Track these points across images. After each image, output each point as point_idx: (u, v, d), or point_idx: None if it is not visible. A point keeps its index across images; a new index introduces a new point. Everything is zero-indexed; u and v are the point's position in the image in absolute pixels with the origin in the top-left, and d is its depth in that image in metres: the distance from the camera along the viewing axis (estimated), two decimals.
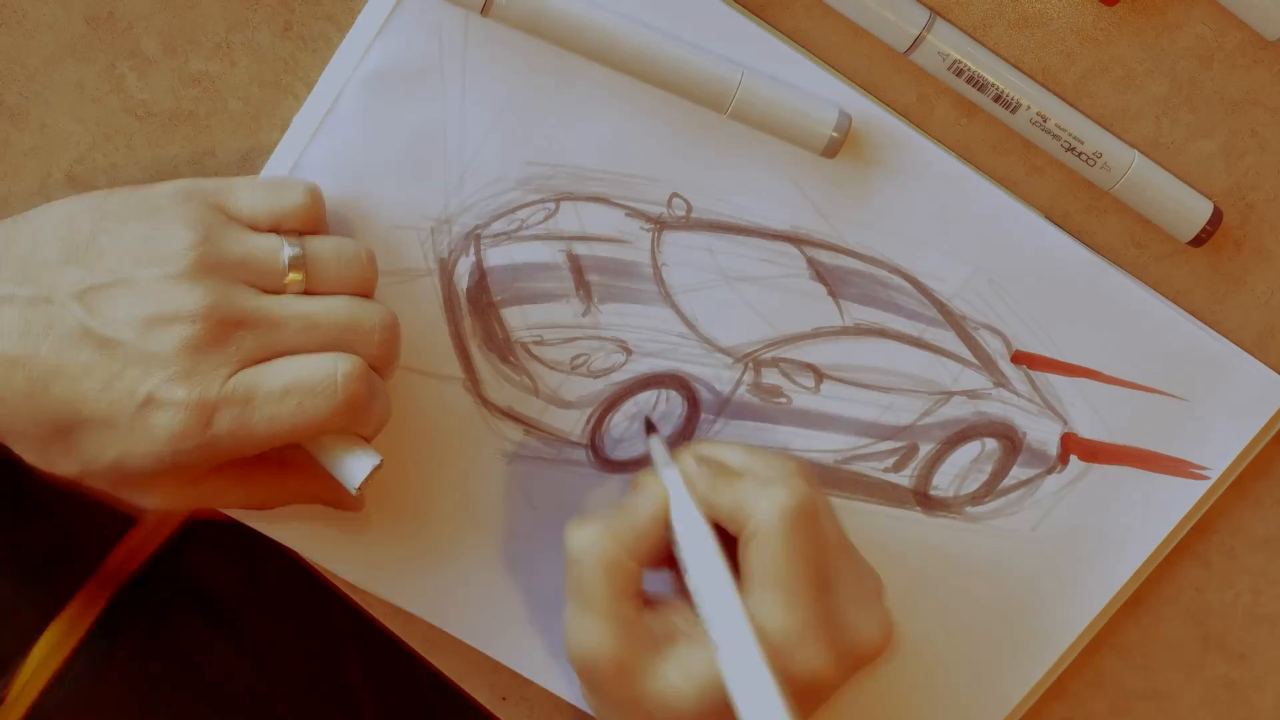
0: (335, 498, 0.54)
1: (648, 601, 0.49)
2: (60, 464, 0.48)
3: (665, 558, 0.50)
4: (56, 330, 0.46)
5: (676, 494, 0.49)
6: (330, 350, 0.47)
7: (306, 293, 0.48)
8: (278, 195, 0.49)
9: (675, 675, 0.47)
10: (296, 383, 0.46)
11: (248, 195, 0.49)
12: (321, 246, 0.49)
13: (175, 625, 0.61)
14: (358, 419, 0.48)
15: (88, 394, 0.46)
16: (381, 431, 0.50)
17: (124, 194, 0.48)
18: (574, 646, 0.49)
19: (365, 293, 0.49)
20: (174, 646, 0.60)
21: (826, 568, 0.48)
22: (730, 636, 0.46)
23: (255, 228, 0.49)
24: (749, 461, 0.51)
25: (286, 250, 0.48)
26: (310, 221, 0.50)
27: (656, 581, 0.51)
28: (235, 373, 0.46)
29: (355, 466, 0.48)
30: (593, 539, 0.49)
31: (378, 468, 0.49)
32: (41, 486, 0.59)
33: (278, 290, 0.48)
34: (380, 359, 0.49)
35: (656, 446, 0.53)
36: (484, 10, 0.50)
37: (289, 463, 0.53)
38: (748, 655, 0.46)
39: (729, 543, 0.49)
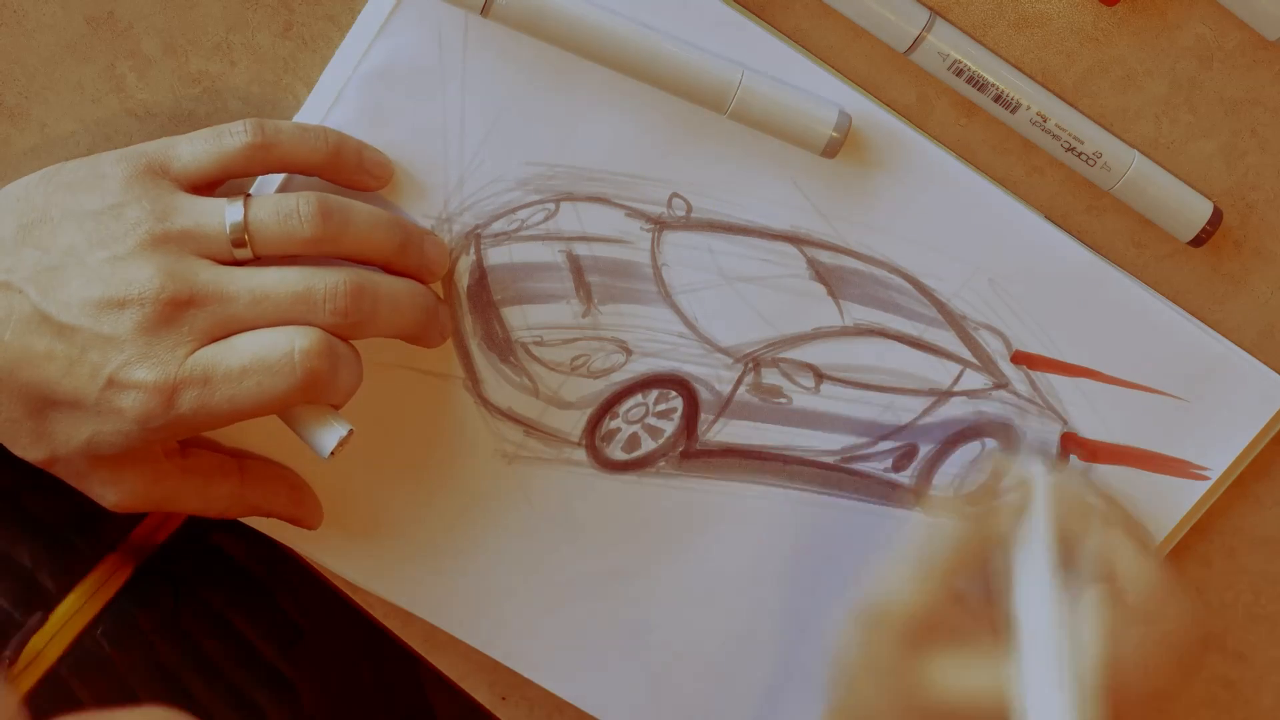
0: (292, 514, 0.54)
1: (956, 595, 0.50)
2: (30, 449, 0.48)
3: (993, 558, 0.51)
4: (16, 316, 0.46)
5: (1042, 507, 0.50)
6: (286, 321, 0.47)
7: (259, 258, 0.48)
8: (218, 142, 0.49)
9: (950, 671, 0.48)
10: (254, 362, 0.46)
11: (188, 149, 0.49)
12: (262, 209, 0.48)
13: (206, 588, 0.61)
14: (321, 392, 0.47)
15: (52, 378, 0.46)
16: (353, 395, 0.49)
17: (74, 165, 0.48)
18: (885, 595, 0.50)
19: (328, 247, 0.48)
20: (207, 607, 0.60)
21: (1172, 683, 0.49)
22: (1043, 670, 0.47)
23: (205, 181, 0.49)
24: (1135, 523, 0.51)
25: (229, 218, 0.47)
26: (260, 162, 0.49)
27: None
28: (194, 350, 0.46)
29: (324, 436, 0.49)
30: (968, 519, 0.50)
31: (347, 437, 0.49)
32: None
33: (229, 258, 0.47)
34: (342, 327, 0.48)
35: (1032, 448, 0.54)
36: (484, 11, 0.50)
37: (250, 475, 0.53)
38: (1057, 696, 0.46)
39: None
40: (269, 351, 0.46)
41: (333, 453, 0.49)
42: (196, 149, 0.48)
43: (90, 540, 0.58)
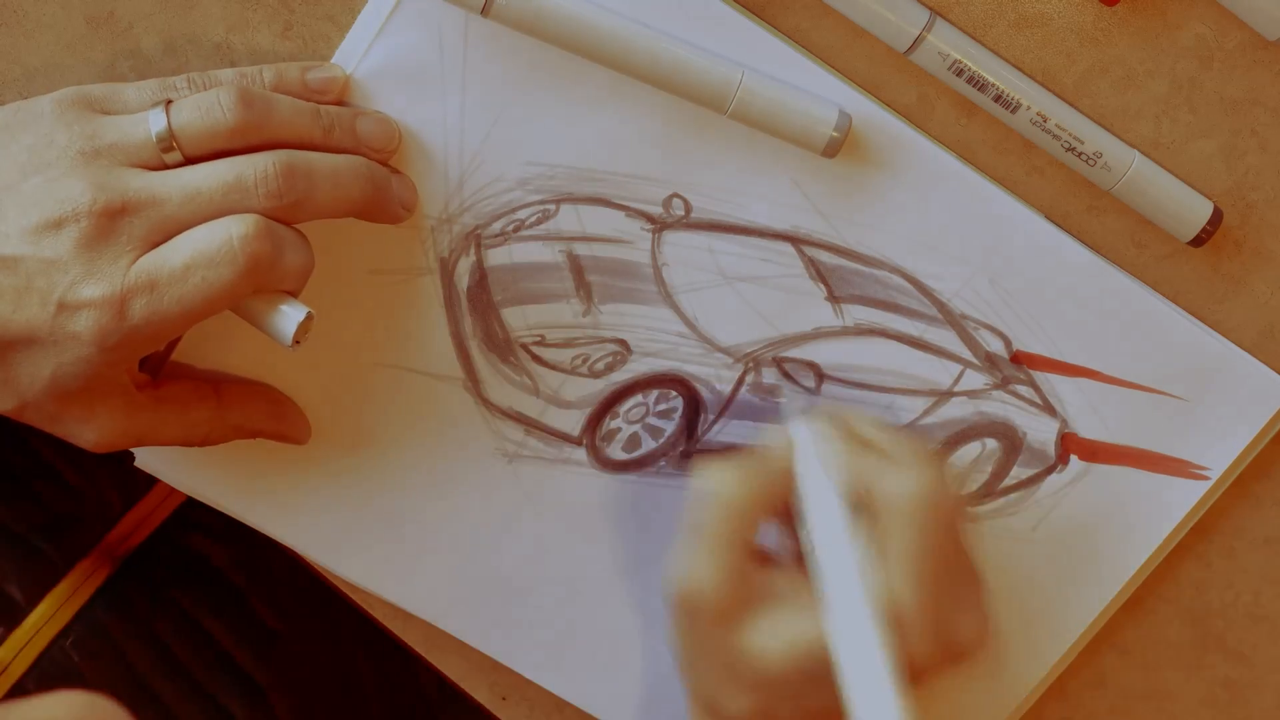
0: (277, 430, 0.54)
1: (758, 556, 0.50)
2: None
3: (781, 514, 0.50)
4: None
5: (807, 452, 0.49)
6: (222, 214, 0.46)
7: (190, 160, 0.47)
8: (162, 95, 0.49)
9: (767, 634, 0.47)
10: (195, 256, 0.46)
11: (134, 97, 0.49)
12: (183, 110, 0.47)
13: (180, 592, 0.61)
14: (270, 277, 0.47)
15: (3, 315, 0.45)
16: (307, 281, 0.49)
17: (12, 107, 0.48)
18: (681, 581, 0.49)
19: (254, 135, 0.48)
20: (181, 612, 0.60)
21: (947, 558, 0.48)
22: (845, 600, 0.46)
23: None
24: (885, 436, 0.51)
25: (153, 125, 0.47)
26: None
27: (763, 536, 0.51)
28: (137, 259, 0.46)
29: (283, 322, 0.48)
30: (727, 482, 0.49)
31: (307, 321, 0.48)
32: (36, 468, 0.59)
33: (160, 165, 0.47)
34: (279, 209, 0.47)
35: (791, 403, 0.53)
36: (484, 11, 0.50)
37: (228, 396, 0.52)
38: (862, 621, 0.46)
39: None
40: (207, 244, 0.46)
41: (296, 340, 0.48)
42: (143, 99, 0.49)
43: (62, 547, 0.58)
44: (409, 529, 0.57)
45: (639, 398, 0.56)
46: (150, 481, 0.62)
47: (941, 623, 0.48)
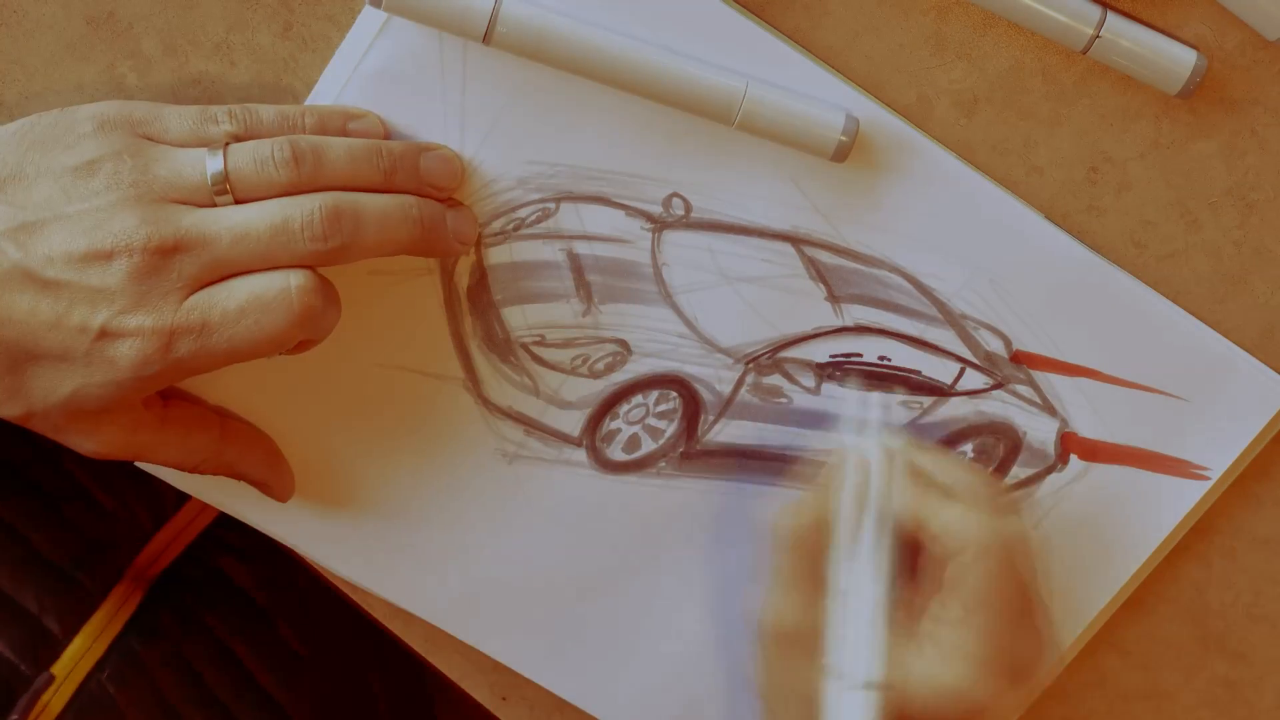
0: (265, 479, 0.54)
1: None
2: (5, 406, 0.47)
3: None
4: None
5: (863, 477, 0.51)
6: (268, 254, 0.47)
7: (240, 202, 0.48)
8: (202, 128, 0.49)
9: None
10: (251, 301, 0.46)
11: (176, 124, 0.49)
12: (240, 158, 0.48)
13: (210, 615, 0.61)
14: (314, 327, 0.48)
15: (35, 333, 0.46)
16: (330, 332, 0.50)
17: (49, 121, 0.48)
18: (769, 619, 0.51)
19: (307, 187, 0.48)
20: (211, 636, 0.60)
21: (1002, 593, 0.50)
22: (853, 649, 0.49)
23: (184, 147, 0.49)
24: (947, 472, 0.52)
25: (210, 168, 0.47)
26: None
27: None
28: (186, 297, 0.46)
29: None
30: (794, 518, 0.51)
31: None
32: (68, 490, 0.59)
33: (210, 205, 0.47)
34: (323, 254, 0.48)
35: (855, 414, 0.55)
36: (485, 39, 0.50)
37: (229, 433, 0.53)
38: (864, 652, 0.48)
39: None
40: (265, 289, 0.47)
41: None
42: (183, 129, 0.49)
43: (97, 575, 0.58)
44: (408, 529, 0.57)
45: (639, 398, 0.56)
46: (179, 500, 0.62)
47: (999, 653, 0.49)
